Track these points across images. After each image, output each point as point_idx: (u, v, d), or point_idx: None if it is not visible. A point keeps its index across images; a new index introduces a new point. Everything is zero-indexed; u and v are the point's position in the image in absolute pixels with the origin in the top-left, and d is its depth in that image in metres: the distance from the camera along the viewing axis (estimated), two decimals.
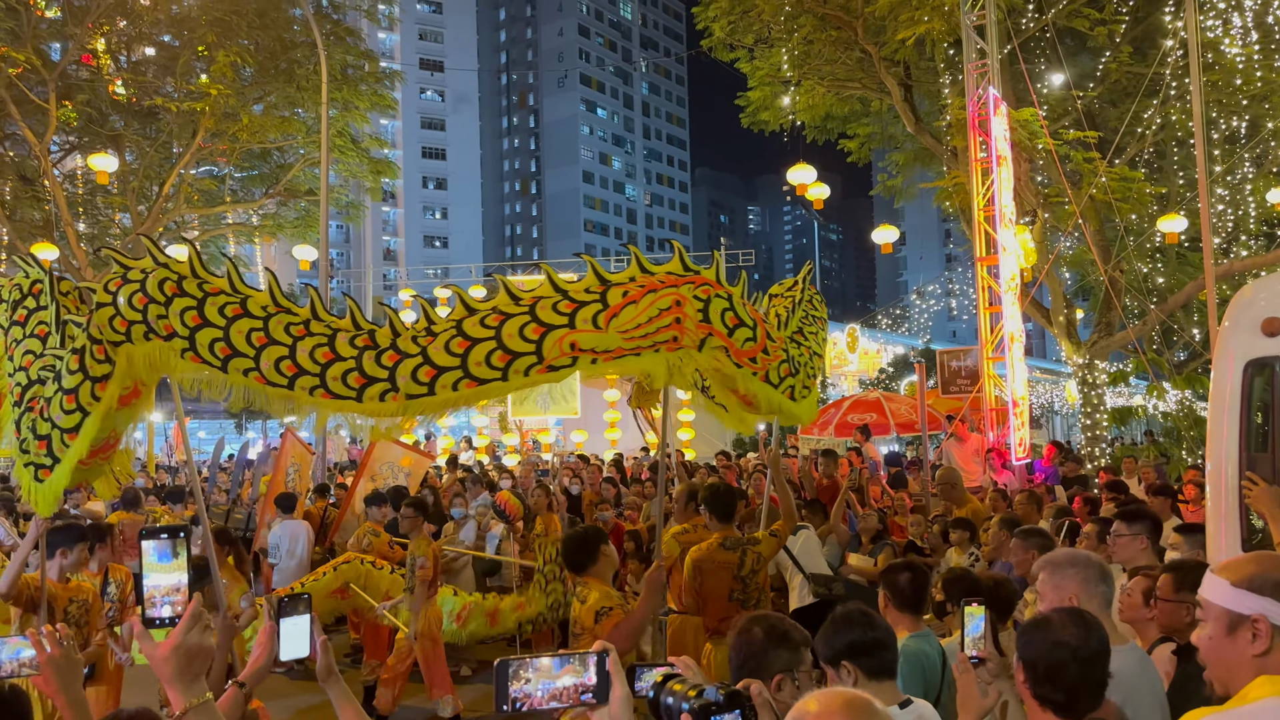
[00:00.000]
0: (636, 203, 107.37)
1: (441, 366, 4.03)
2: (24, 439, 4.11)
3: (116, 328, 3.93)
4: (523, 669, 1.73)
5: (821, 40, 16.30)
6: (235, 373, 4.00)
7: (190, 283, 3.98)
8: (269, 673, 2.41)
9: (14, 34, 17.75)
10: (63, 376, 3.97)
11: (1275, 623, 1.95)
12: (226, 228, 24.67)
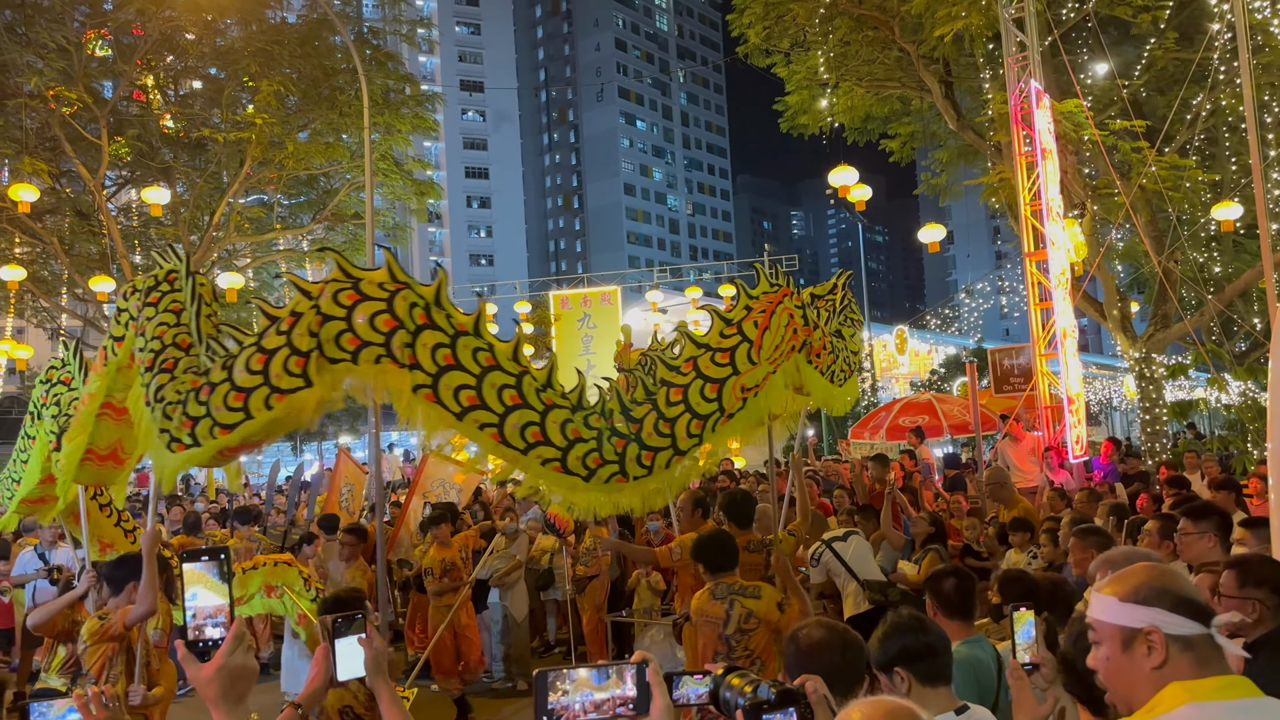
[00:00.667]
0: (679, 213, 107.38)
1: (655, 447, 4.03)
2: (165, 403, 3.80)
3: (344, 345, 3.66)
4: (561, 680, 1.73)
5: (858, 41, 16.18)
6: (470, 424, 3.76)
7: (438, 313, 3.73)
8: (324, 694, 2.41)
9: (66, 74, 18.28)
10: (236, 370, 3.69)
11: (1169, 632, 1.90)
12: (277, 254, 25.14)
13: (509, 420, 3.80)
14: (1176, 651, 1.90)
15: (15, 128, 18.57)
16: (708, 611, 4.76)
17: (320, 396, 3.70)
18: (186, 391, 3.77)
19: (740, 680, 1.85)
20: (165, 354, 3.88)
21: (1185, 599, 1.94)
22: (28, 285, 20.43)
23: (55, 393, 5.21)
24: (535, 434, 3.84)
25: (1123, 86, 15.02)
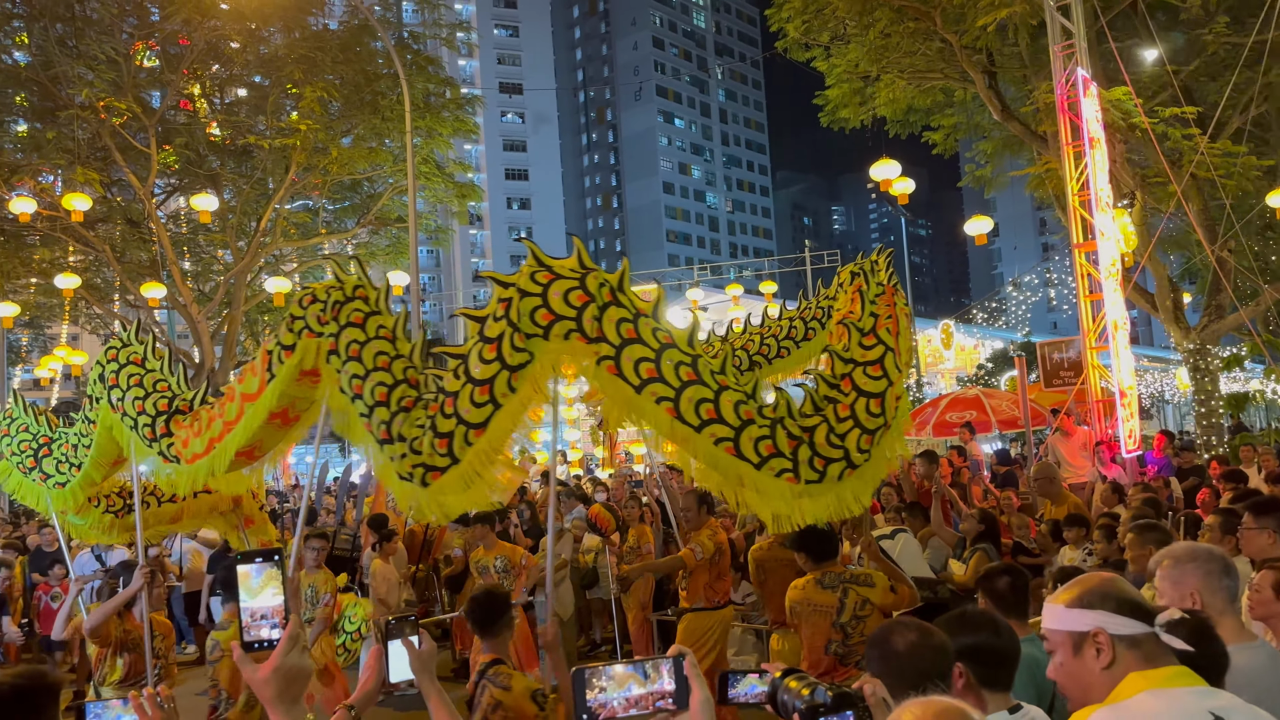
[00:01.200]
0: (718, 210, 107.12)
1: (828, 457, 4.05)
2: (413, 439, 3.95)
3: (538, 320, 3.87)
4: (597, 677, 1.71)
5: (899, 32, 15.98)
6: (648, 397, 3.89)
7: (624, 296, 3.96)
8: (378, 696, 2.42)
9: (116, 85, 18.66)
10: (472, 368, 3.91)
11: (1113, 632, 2.02)
12: (322, 258, 25.46)
13: (684, 395, 3.90)
14: (1123, 650, 2.01)
15: (68, 138, 18.99)
16: (816, 601, 4.78)
17: (543, 369, 3.94)
18: (428, 418, 3.96)
19: (798, 683, 1.83)
20: (399, 390, 4.06)
21: (1128, 601, 2.06)
22: (82, 292, 20.87)
23: (130, 373, 5.15)
24: (709, 411, 3.92)
25: (1172, 73, 14.69)
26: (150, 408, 5.02)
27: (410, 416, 4.00)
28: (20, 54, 19.34)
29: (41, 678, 2.44)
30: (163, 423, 4.96)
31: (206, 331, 21.62)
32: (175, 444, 4.89)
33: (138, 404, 5.04)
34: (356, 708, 2.34)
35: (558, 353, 3.93)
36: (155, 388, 5.10)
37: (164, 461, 5.03)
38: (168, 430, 4.92)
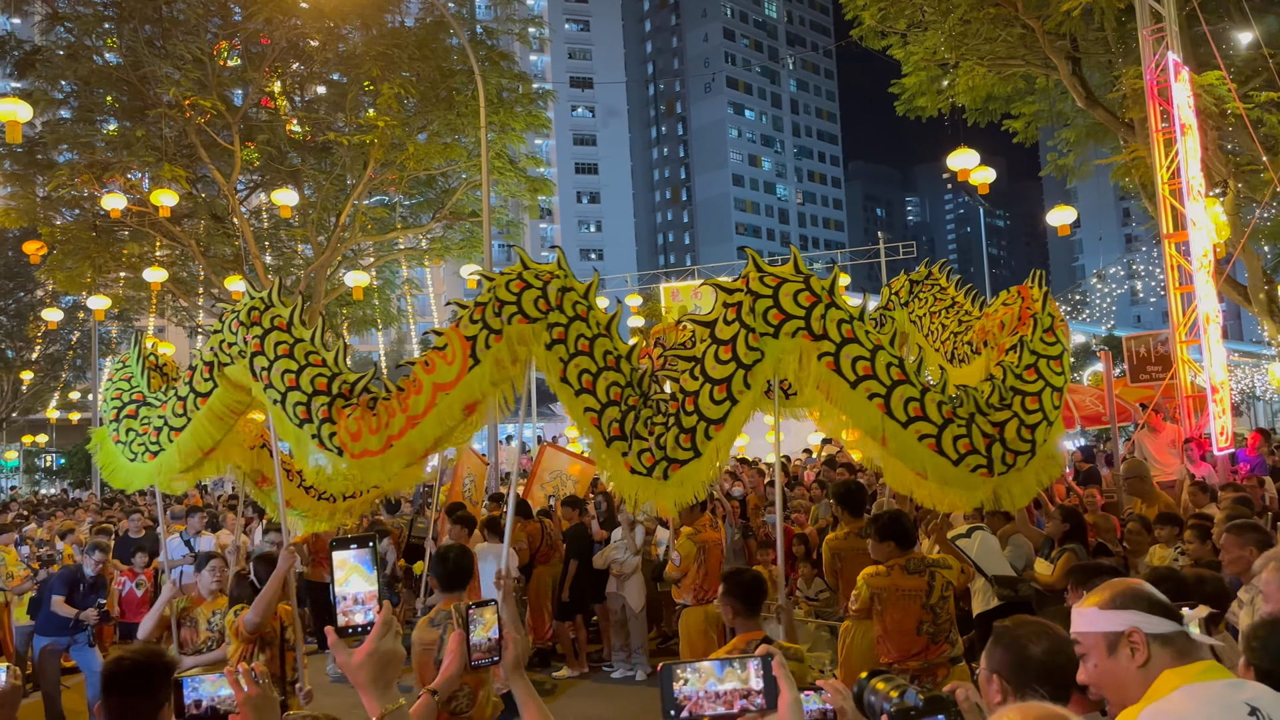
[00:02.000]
0: (788, 202, 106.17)
1: (1017, 450, 4.46)
2: (657, 436, 4.35)
3: (770, 320, 4.31)
4: (685, 672, 1.71)
5: (979, 18, 15.61)
6: (861, 393, 4.31)
7: (840, 299, 4.44)
8: (459, 681, 2.44)
9: (201, 83, 19.21)
10: (709, 369, 4.31)
11: (1148, 631, 2.09)
12: (398, 253, 25.90)
13: (895, 393, 4.30)
14: (1158, 648, 2.08)
15: (155, 136, 19.63)
16: (904, 585, 4.98)
17: (771, 366, 4.36)
18: (666, 416, 4.38)
19: (885, 685, 1.80)
20: (627, 391, 4.50)
21: (1158, 601, 2.15)
22: (168, 286, 21.59)
23: (277, 340, 4.63)
24: (916, 409, 4.33)
25: (1268, 56, 14.08)
26: (306, 384, 4.54)
27: (641, 415, 4.37)
28: (111, 55, 20.02)
29: (159, 656, 2.62)
30: (323, 406, 4.51)
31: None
32: (340, 434, 4.49)
33: (288, 377, 4.55)
34: (440, 692, 2.36)
35: (785, 350, 4.31)
36: (308, 361, 4.62)
37: (318, 447, 4.58)
38: (329, 416, 4.51)
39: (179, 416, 5.09)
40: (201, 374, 5.00)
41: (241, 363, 4.76)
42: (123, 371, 5.67)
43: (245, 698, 2.08)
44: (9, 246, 31.55)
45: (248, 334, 4.69)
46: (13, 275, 32.61)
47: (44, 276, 25.16)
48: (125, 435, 5.36)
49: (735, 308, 4.33)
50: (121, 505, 17.73)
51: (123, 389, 5.55)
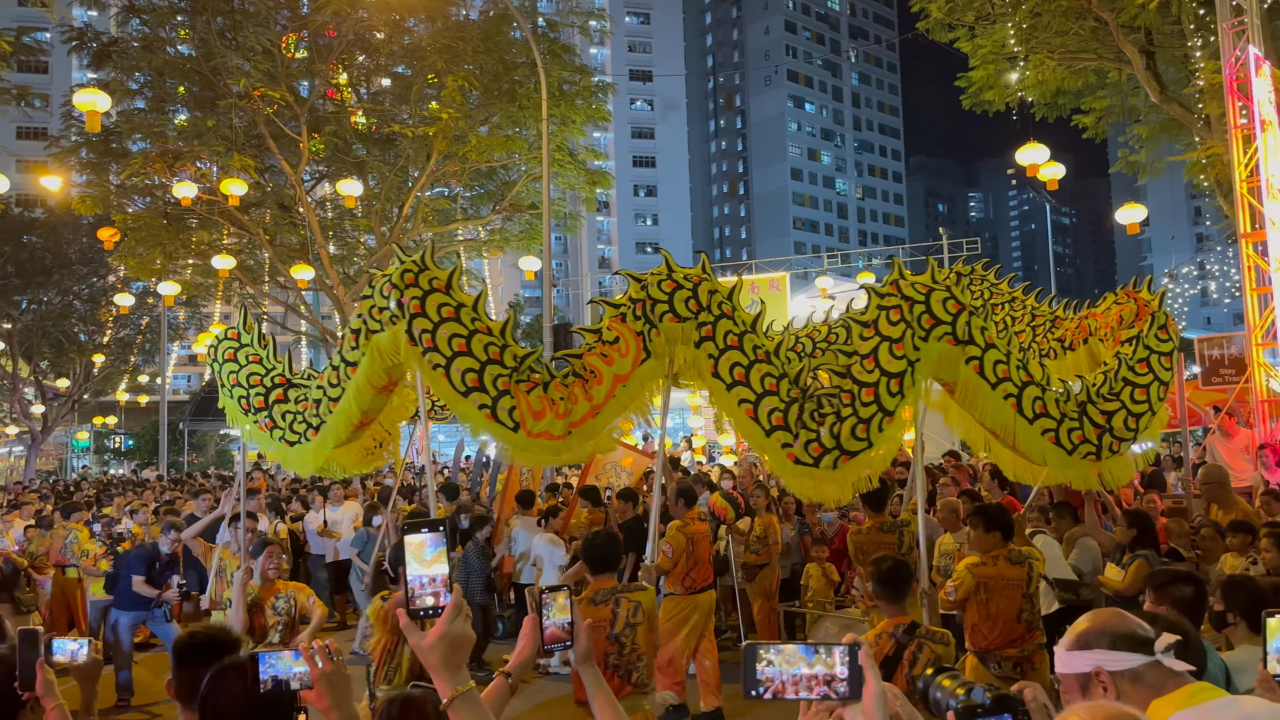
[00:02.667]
0: (847, 197, 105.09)
1: (1121, 437, 5.19)
2: (830, 427, 4.71)
3: (923, 324, 4.79)
4: (768, 653, 1.70)
5: (1050, 11, 15.27)
6: (999, 394, 4.85)
7: (982, 307, 5.39)
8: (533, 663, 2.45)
9: (270, 75, 19.59)
10: (884, 363, 4.73)
11: (1112, 669, 2.06)
12: (458, 243, 26.17)
13: (1025, 393, 4.87)
14: (1127, 685, 2.05)
15: (225, 127, 20.06)
16: (1008, 575, 5.20)
17: (927, 368, 4.83)
18: (840, 408, 4.74)
19: (951, 682, 1.78)
20: (784, 383, 4.83)
21: (1124, 635, 2.09)
22: (236, 273, 22.07)
23: (440, 303, 4.45)
24: (1040, 407, 4.93)
25: None
26: (479, 351, 4.40)
27: (805, 408, 4.68)
28: (184, 47, 20.49)
29: (226, 633, 2.72)
30: (501, 377, 4.42)
31: (353, 313, 22.53)
32: (520, 409, 4.43)
33: (457, 342, 4.41)
34: (514, 675, 2.37)
35: (932, 353, 4.73)
36: (474, 326, 4.47)
37: (487, 418, 4.43)
38: (508, 389, 4.42)
39: (334, 387, 4.89)
40: (349, 342, 4.84)
41: (392, 329, 4.53)
42: (246, 351, 5.26)
43: (320, 674, 2.13)
44: (84, 233, 32.51)
45: (403, 295, 4.46)
46: (87, 261, 33.57)
47: (116, 262, 25.88)
48: (282, 420, 5.13)
49: (897, 309, 4.75)
50: (187, 487, 18.21)
51: (257, 373, 5.21)
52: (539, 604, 2.35)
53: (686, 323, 4.65)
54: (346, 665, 2.24)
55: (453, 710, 1.95)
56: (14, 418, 35.43)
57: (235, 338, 5.26)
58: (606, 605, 4.40)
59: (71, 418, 35.72)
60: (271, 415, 5.14)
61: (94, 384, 36.32)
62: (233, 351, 5.23)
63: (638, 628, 4.37)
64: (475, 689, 2.01)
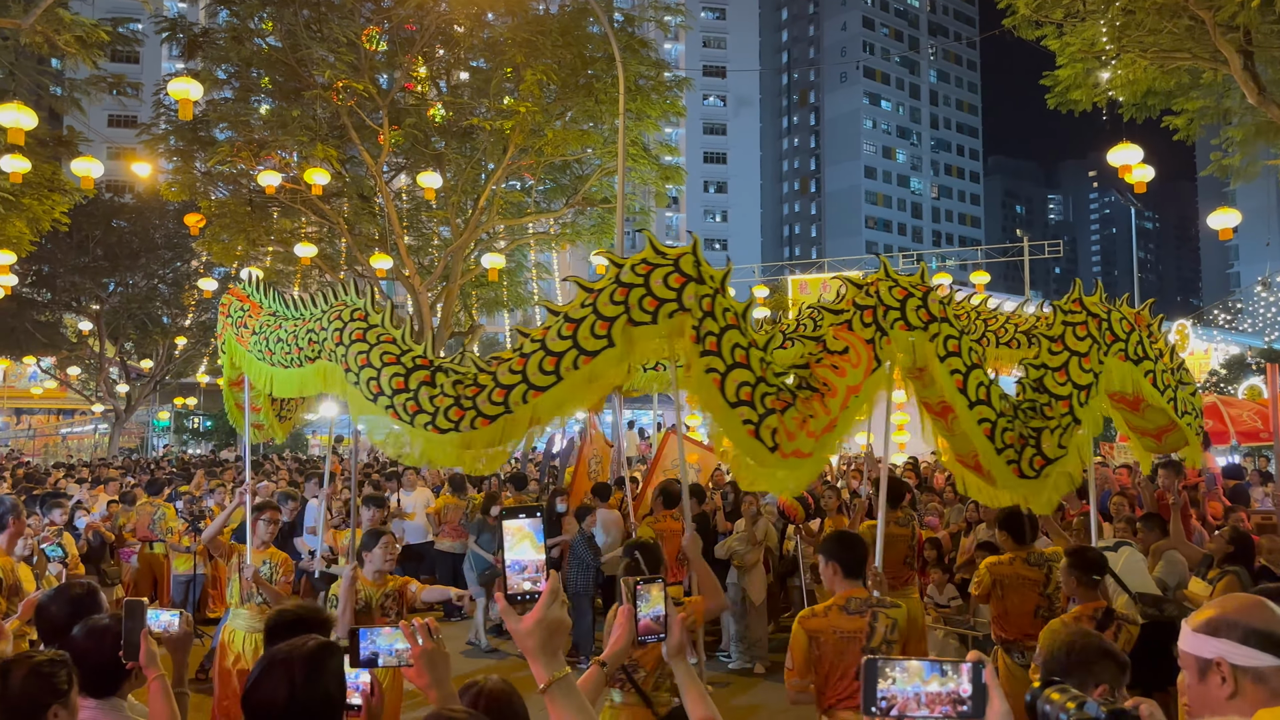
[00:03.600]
0: (923, 196, 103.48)
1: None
2: (1039, 434, 4.94)
3: (1106, 340, 5.20)
4: (890, 668, 1.67)
5: (1144, 8, 14.78)
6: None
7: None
8: (626, 655, 2.47)
9: (354, 67, 19.97)
10: (1074, 377, 5.00)
11: (1234, 663, 1.98)
12: (529, 237, 26.39)
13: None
14: (1248, 683, 1.97)
15: (309, 117, 20.50)
16: (1025, 574, 5.79)
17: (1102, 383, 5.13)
18: (1048, 418, 4.99)
19: (1061, 695, 1.73)
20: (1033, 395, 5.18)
21: (1258, 631, 2.00)
22: (316, 261, 22.54)
23: (747, 332, 4.34)
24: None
25: None
26: (757, 365, 4.27)
27: (1028, 420, 4.89)
28: (271, 38, 20.98)
29: (318, 612, 2.75)
30: (769, 397, 4.27)
31: (427, 303, 22.90)
32: (779, 430, 4.25)
33: (739, 352, 4.27)
34: (609, 664, 2.38)
35: (1111, 368, 5.23)
36: (750, 338, 4.32)
37: (748, 433, 4.24)
38: (773, 409, 4.26)
39: (547, 374, 4.32)
40: (591, 329, 4.30)
41: (669, 321, 4.25)
42: (377, 332, 4.68)
43: (421, 651, 2.17)
44: (170, 218, 33.55)
45: (693, 294, 4.31)
46: (172, 245, 34.62)
47: (200, 248, 26.63)
48: (429, 404, 4.49)
49: (1082, 324, 5.09)
50: (263, 469, 18.68)
51: (392, 352, 4.60)
52: (633, 595, 2.36)
53: (916, 331, 4.60)
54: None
55: (549, 696, 1.96)
56: (100, 396, 36.74)
57: (363, 318, 4.77)
58: (863, 617, 4.29)
59: (153, 398, 36.88)
60: (415, 398, 4.49)
61: (176, 365, 37.44)
62: (361, 332, 4.72)
63: (894, 645, 4.24)
64: (571, 675, 2.02)
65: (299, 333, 5.17)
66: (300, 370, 5.18)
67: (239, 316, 5.95)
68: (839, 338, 4.53)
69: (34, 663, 2.37)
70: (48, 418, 46.80)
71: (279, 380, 5.40)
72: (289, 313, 5.38)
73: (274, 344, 5.41)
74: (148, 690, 2.84)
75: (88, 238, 32.07)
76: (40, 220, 19.37)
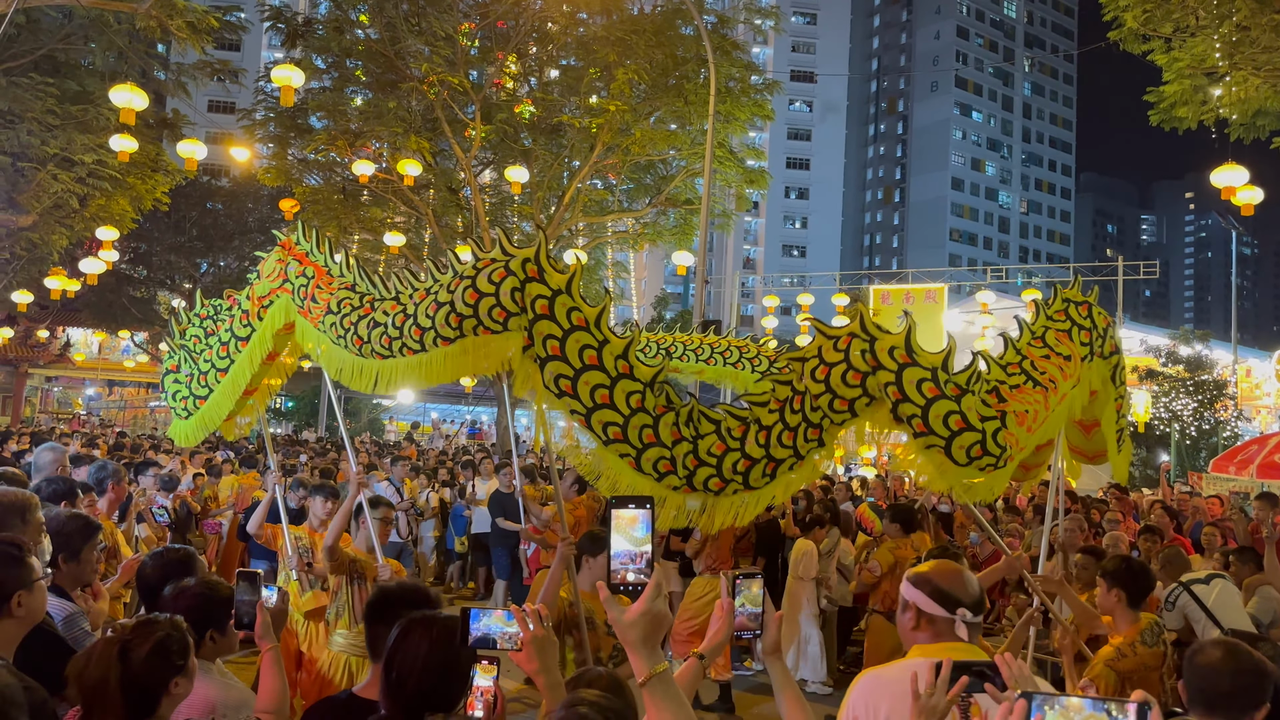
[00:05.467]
0: (1010, 211, 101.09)
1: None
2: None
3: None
4: (1050, 706, 1.61)
5: (1260, 25, 14.21)
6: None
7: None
8: (724, 647, 2.46)
9: (450, 61, 20.28)
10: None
11: (920, 608, 2.73)
12: (610, 235, 26.50)
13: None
14: (925, 623, 2.73)
15: (404, 109, 20.87)
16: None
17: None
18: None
19: None
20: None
21: (942, 591, 2.72)
22: (402, 250, 22.97)
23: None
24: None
25: None
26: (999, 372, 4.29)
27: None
28: (371, 30, 21.43)
29: (422, 590, 2.91)
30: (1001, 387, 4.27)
31: None
32: (1004, 430, 4.14)
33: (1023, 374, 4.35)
34: (706, 657, 2.37)
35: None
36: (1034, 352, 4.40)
37: (996, 423, 4.13)
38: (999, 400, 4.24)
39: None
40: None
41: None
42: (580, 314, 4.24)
43: (531, 637, 2.17)
44: (263, 202, 34.53)
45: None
46: (264, 229, 35.63)
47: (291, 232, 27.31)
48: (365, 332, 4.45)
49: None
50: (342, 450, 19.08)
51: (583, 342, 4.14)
52: (733, 588, 2.34)
53: (1091, 362, 4.65)
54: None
55: (648, 690, 1.95)
56: None
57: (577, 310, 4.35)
58: (1159, 647, 4.49)
59: None
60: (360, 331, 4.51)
61: None
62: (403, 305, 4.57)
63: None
64: (670, 670, 2.00)
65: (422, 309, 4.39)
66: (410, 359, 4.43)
67: (301, 284, 4.89)
68: (1063, 342, 4.46)
69: (155, 639, 2.41)
70: (138, 390, 48.60)
71: (384, 373, 4.42)
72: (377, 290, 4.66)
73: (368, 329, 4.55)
74: (260, 660, 2.92)
75: (184, 218, 33.18)
76: (143, 199, 20.11)
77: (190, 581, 3.05)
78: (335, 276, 4.67)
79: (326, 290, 4.65)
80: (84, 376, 43.74)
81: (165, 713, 2.44)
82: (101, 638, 2.43)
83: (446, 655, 2.39)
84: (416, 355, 4.09)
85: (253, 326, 5.15)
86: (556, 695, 2.25)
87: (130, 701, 2.33)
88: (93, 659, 2.35)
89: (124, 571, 4.99)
